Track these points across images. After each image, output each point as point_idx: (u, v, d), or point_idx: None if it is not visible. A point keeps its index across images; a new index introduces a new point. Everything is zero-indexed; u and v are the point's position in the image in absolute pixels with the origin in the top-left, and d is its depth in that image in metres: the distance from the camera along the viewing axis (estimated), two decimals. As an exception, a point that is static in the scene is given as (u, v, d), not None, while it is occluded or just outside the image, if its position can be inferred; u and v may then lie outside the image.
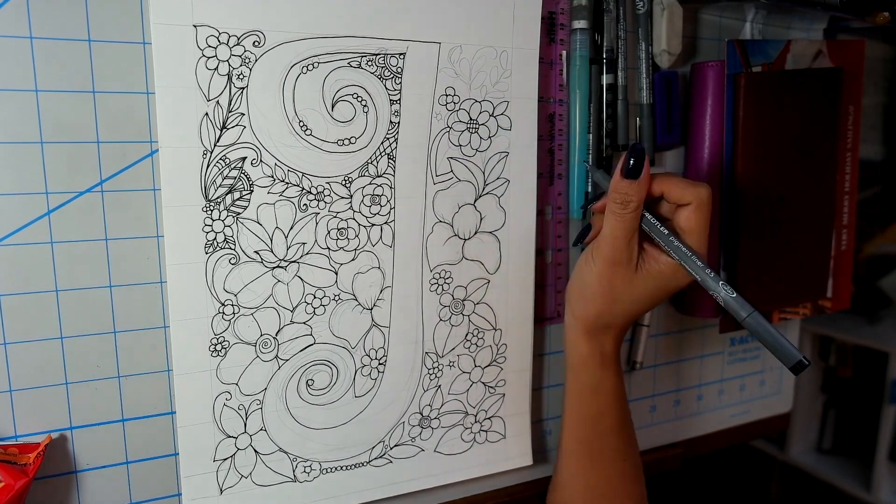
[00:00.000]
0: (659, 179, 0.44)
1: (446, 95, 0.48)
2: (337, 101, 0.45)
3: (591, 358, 0.47)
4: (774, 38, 0.63)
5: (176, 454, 0.46)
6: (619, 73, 0.55)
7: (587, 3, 0.53)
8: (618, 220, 0.43)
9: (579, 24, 0.53)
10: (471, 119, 0.49)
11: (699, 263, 0.43)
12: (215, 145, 0.42)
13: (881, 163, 1.47)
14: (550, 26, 0.53)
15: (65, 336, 0.42)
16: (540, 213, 0.55)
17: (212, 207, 0.43)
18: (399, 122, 0.47)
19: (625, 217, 0.43)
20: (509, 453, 0.56)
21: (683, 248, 0.43)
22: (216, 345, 0.44)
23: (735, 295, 0.41)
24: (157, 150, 0.41)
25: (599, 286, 0.45)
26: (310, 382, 0.47)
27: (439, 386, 0.52)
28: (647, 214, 0.44)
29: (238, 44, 0.41)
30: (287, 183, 0.44)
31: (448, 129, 0.49)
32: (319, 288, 0.47)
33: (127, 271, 0.43)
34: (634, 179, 0.42)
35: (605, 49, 0.54)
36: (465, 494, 0.56)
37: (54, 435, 0.42)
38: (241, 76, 0.42)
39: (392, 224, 0.48)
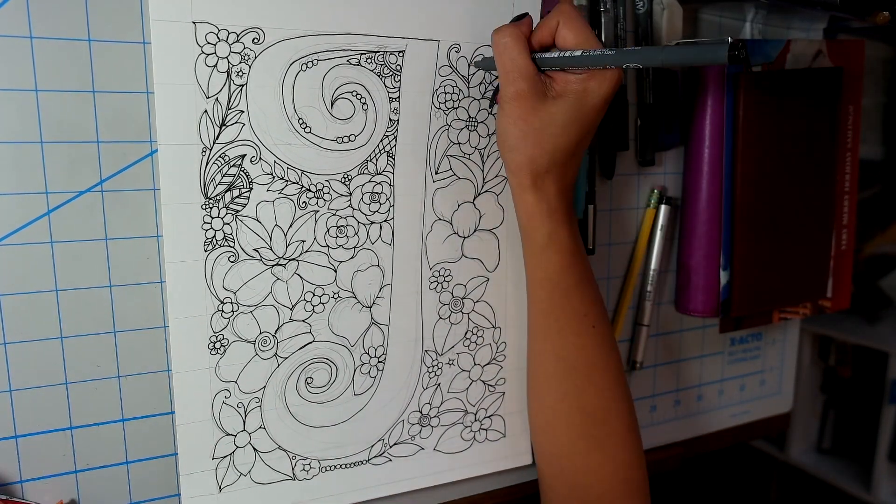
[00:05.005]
0: (535, 29, 0.45)
1: (445, 93, 0.48)
2: (336, 99, 0.45)
3: (538, 210, 0.46)
4: (774, 38, 0.63)
5: (175, 454, 0.46)
6: (619, 72, 0.55)
7: (587, 3, 0.53)
8: (504, 57, 0.44)
9: (579, 23, 0.53)
10: (470, 117, 0.49)
11: (591, 52, 0.42)
12: (214, 143, 0.42)
13: (881, 163, 1.47)
14: (550, 25, 0.53)
15: (65, 336, 0.42)
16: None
17: (211, 205, 0.43)
18: (398, 120, 0.47)
19: (507, 51, 0.44)
20: (509, 452, 0.56)
21: (571, 54, 0.43)
22: (215, 343, 0.44)
23: (640, 47, 0.40)
24: (157, 150, 0.41)
25: (516, 126, 0.44)
26: (309, 380, 0.47)
27: (439, 384, 0.52)
28: (535, 54, 0.45)
29: (237, 41, 0.41)
30: (286, 180, 0.44)
31: (447, 126, 0.49)
32: (319, 286, 0.46)
33: (127, 271, 0.43)
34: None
35: (604, 48, 0.55)
36: (465, 494, 0.56)
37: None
38: (240, 73, 0.42)
39: (391, 222, 0.48)
